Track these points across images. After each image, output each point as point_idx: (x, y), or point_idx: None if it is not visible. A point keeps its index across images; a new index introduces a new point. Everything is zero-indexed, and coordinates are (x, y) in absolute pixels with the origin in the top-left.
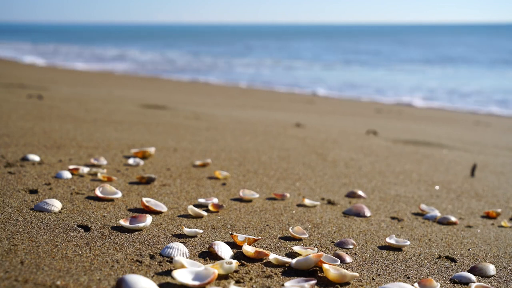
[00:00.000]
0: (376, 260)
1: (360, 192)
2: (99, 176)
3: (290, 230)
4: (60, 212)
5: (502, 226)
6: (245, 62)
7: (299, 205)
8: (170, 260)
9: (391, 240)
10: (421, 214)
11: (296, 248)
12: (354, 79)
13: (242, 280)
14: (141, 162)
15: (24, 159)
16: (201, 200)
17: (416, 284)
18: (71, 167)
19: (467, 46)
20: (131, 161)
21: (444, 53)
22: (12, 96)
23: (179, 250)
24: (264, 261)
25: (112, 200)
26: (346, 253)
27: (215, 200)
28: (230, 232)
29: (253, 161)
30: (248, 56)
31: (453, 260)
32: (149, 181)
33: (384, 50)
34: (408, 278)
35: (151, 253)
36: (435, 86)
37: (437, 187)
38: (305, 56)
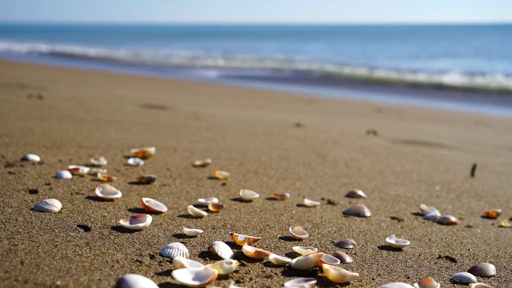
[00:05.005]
0: (376, 260)
1: (360, 192)
2: (99, 176)
3: (290, 230)
4: (60, 212)
5: (502, 226)
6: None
7: (299, 205)
8: (170, 260)
9: (391, 240)
10: (421, 214)
11: (296, 248)
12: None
13: (242, 280)
14: (141, 162)
15: (24, 159)
16: (201, 200)
17: (416, 284)
18: (71, 167)
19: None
20: (131, 161)
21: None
22: (12, 96)
23: (179, 250)
24: (264, 261)
25: (112, 200)
26: (346, 253)
27: (215, 200)
28: (230, 232)
29: (253, 161)
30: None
31: (453, 260)
32: (149, 181)
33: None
34: (408, 278)
35: (151, 253)
36: None
37: (437, 187)
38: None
